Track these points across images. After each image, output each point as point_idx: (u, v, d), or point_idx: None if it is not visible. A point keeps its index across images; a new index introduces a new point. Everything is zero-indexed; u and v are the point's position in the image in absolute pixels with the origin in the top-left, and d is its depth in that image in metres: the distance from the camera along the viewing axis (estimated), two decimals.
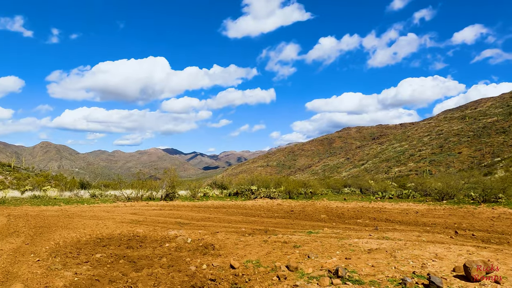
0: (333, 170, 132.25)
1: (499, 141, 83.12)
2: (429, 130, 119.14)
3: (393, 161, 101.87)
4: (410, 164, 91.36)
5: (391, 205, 18.98)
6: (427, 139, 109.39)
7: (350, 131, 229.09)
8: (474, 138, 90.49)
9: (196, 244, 8.52)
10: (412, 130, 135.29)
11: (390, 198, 24.07)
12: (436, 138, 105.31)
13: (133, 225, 11.54)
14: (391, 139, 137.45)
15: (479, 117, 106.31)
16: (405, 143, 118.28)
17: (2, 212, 15.53)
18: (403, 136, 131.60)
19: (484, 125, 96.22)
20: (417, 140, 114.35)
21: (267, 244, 8.12)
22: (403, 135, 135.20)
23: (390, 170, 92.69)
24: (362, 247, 7.56)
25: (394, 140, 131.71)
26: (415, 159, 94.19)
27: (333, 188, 31.34)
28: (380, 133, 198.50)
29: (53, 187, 31.20)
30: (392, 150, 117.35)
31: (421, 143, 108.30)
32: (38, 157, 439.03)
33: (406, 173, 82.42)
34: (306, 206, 18.96)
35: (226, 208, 17.85)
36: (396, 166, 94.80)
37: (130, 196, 22.70)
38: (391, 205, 19.25)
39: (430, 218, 13.75)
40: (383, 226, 11.68)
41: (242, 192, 25.68)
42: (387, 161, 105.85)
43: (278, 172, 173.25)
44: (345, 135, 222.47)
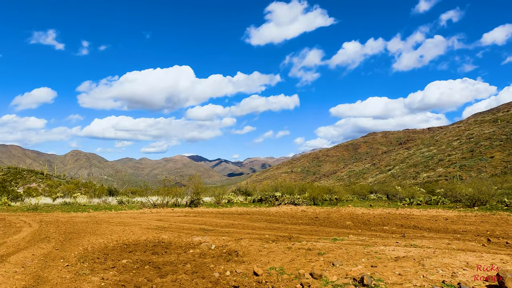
0: (358, 176, 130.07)
1: None
2: (458, 134, 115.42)
3: (421, 167, 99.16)
4: (439, 170, 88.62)
5: (419, 212, 18.45)
6: (456, 143, 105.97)
7: (376, 136, 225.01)
8: (508, 142, 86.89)
9: (220, 251, 8.54)
10: (441, 134, 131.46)
11: (418, 204, 23.40)
12: (466, 142, 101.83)
13: (159, 231, 11.70)
14: (419, 144, 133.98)
15: None
16: (434, 147, 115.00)
17: (34, 218, 16.11)
18: (431, 141, 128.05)
19: None
20: (446, 144, 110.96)
21: (291, 251, 8.04)
22: (431, 139, 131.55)
23: (418, 175, 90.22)
24: (389, 255, 7.36)
25: (422, 145, 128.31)
26: (444, 164, 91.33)
27: (359, 195, 30.80)
28: (407, 137, 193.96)
29: (83, 194, 32.15)
30: (420, 155, 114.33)
31: (450, 147, 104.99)
32: (69, 165, 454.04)
33: (435, 178, 80.00)
34: (331, 212, 18.70)
35: (250, 215, 17.83)
36: (424, 172, 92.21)
37: (156, 203, 23.07)
38: (419, 211, 18.71)
39: (461, 225, 13.27)
40: (410, 233, 11.35)
41: (266, 198, 25.63)
42: (414, 166, 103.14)
43: (303, 178, 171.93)
44: (371, 140, 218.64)
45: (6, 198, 24.98)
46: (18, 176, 70.33)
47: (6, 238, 10.34)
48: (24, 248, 8.83)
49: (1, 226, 12.96)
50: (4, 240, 9.96)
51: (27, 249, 8.65)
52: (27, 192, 33.19)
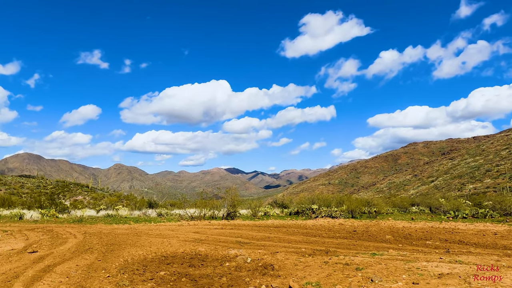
0: (399, 188, 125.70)
1: None
2: (507, 143, 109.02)
3: (466, 178, 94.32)
4: (487, 181, 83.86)
5: (465, 226, 17.50)
6: (505, 152, 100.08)
7: (417, 146, 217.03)
8: None
9: (255, 264, 8.51)
10: (488, 144, 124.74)
11: (464, 218, 22.21)
12: None
13: (196, 243, 11.86)
14: (464, 154, 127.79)
15: None
16: (480, 157, 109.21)
17: (79, 229, 16.85)
18: (477, 150, 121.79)
19: None
20: (493, 154, 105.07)
21: (328, 266, 7.87)
22: (477, 149, 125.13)
23: (464, 187, 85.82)
24: (432, 271, 7.02)
25: (467, 155, 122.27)
26: (493, 175, 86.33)
27: (399, 207, 29.71)
28: (450, 147, 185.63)
29: (124, 206, 33.29)
30: (465, 165, 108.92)
31: (498, 157, 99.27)
32: (112, 178, 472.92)
33: (482, 190, 75.77)
34: (370, 226, 18.15)
35: (286, 228, 17.68)
36: (470, 183, 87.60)
37: (193, 215, 23.43)
38: (465, 225, 17.75)
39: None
40: (455, 248, 10.78)
41: (302, 211, 25.33)
42: (459, 177, 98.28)
43: (340, 191, 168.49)
44: (412, 150, 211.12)
45: (54, 210, 26.33)
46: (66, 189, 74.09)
47: (53, 248, 10.87)
48: (69, 258, 9.24)
49: (49, 237, 13.66)
50: (51, 250, 10.48)
51: (71, 260, 9.05)
52: (73, 205, 34.83)
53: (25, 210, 26.83)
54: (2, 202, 32.47)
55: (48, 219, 23.93)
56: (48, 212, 25.57)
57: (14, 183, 71.10)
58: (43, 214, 25.04)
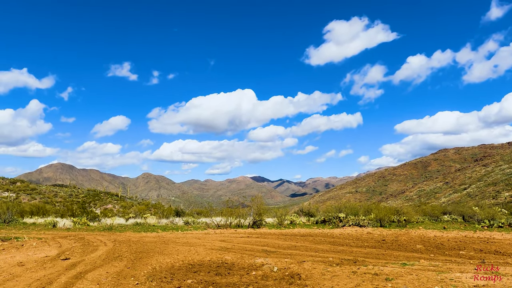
0: (429, 196, 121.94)
1: None
2: None
3: (501, 185, 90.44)
4: None
5: (501, 235, 16.73)
6: None
7: (448, 152, 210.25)
8: None
9: (282, 273, 8.44)
10: None
11: (500, 227, 21.26)
12: None
13: (222, 252, 11.90)
14: (498, 160, 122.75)
15: None
16: None
17: (109, 237, 17.25)
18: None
19: None
20: None
21: (356, 276, 7.70)
22: None
23: (499, 195, 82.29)
24: (466, 283, 6.74)
25: (502, 161, 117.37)
26: None
27: (430, 216, 28.77)
28: (483, 153, 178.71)
29: (152, 214, 33.86)
30: (499, 172, 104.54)
31: None
32: (140, 187, 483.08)
33: None
34: (400, 235, 17.66)
35: (313, 236, 17.46)
36: (505, 190, 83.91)
37: (220, 224, 23.54)
38: (501, 235, 16.97)
39: None
40: (491, 259, 10.31)
41: (329, 219, 24.96)
42: (494, 184, 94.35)
43: (368, 199, 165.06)
44: (442, 157, 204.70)
45: (86, 219, 27.12)
46: (96, 198, 76.31)
47: (85, 256, 11.18)
48: (100, 266, 9.47)
49: (80, 245, 14.06)
50: (83, 258, 10.77)
51: (102, 267, 9.27)
52: (104, 213, 35.75)
53: (58, 218, 27.76)
54: (37, 211, 33.77)
55: (80, 227, 24.66)
56: (79, 220, 26.37)
57: (48, 192, 73.94)
58: (75, 222, 25.83)
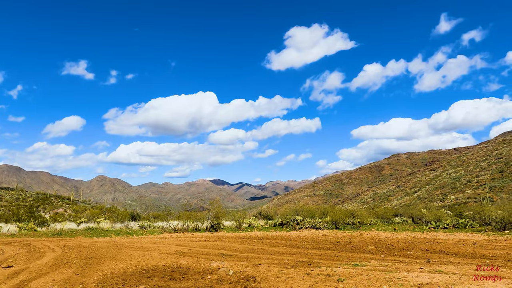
0: (383, 199, 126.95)
1: None
2: (486, 154, 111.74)
3: (448, 188, 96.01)
4: (468, 191, 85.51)
5: (446, 236, 17.76)
6: (485, 163, 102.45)
7: (400, 157, 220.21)
8: None
9: (237, 277, 8.43)
10: (468, 155, 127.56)
11: (445, 228, 22.56)
12: (496, 162, 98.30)
13: (177, 256, 11.69)
14: (445, 165, 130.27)
15: None
16: (461, 168, 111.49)
17: (58, 243, 16.42)
18: (458, 161, 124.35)
19: None
20: (474, 165, 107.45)
21: (310, 277, 7.86)
22: (458, 160, 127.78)
23: (446, 197, 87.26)
24: (412, 281, 7.09)
25: (448, 166, 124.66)
26: (473, 186, 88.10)
27: (383, 218, 29.97)
28: (432, 158, 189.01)
29: (106, 219, 32.64)
30: (446, 176, 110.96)
31: (478, 168, 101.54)
32: (94, 190, 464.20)
33: (463, 200, 77.16)
34: (353, 237, 18.24)
35: (270, 239, 17.61)
36: (452, 194, 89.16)
37: (177, 228, 23.14)
38: (445, 235, 18.01)
39: (490, 250, 12.66)
40: (436, 258, 10.91)
41: (287, 222, 25.29)
42: (441, 188, 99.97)
43: (325, 202, 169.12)
44: (395, 161, 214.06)
45: (33, 224, 25.63)
46: (46, 201, 72.30)
47: (30, 263, 10.55)
48: (46, 273, 8.98)
49: (25, 252, 13.26)
50: (27, 265, 10.17)
51: (48, 275, 8.79)
52: (53, 218, 33.97)
53: (2, 224, 26.04)
54: None
55: (26, 232, 23.27)
56: (26, 225, 24.86)
57: None
58: (21, 227, 24.33)
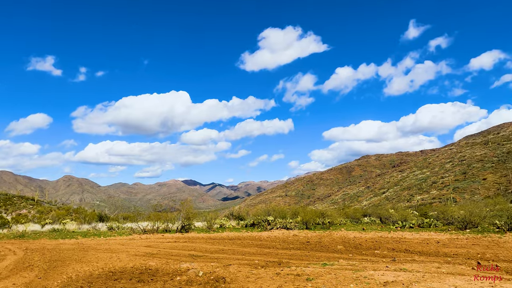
0: (353, 199, 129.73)
1: None
2: (451, 157, 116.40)
3: (414, 189, 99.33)
4: (433, 192, 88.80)
5: (411, 235, 18.35)
6: (449, 165, 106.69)
7: (369, 159, 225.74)
8: (499, 164, 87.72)
9: (207, 277, 8.38)
10: (434, 157, 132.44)
11: (411, 227, 23.30)
12: (459, 164, 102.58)
13: (146, 258, 11.49)
14: (412, 167, 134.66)
15: (503, 142, 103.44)
16: (427, 170, 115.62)
17: (20, 246, 15.76)
18: (424, 163, 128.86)
19: (508, 150, 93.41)
20: (439, 167, 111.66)
21: (279, 277, 7.92)
22: (424, 162, 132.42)
23: (412, 198, 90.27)
24: (378, 280, 7.28)
25: (415, 167, 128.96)
26: (438, 187, 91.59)
27: (352, 218, 30.60)
28: (400, 160, 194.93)
29: (73, 220, 31.61)
30: (413, 177, 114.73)
31: (443, 169, 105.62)
32: (61, 191, 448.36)
33: (429, 201, 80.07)
34: (323, 236, 18.53)
35: (241, 240, 17.61)
36: (418, 194, 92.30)
37: (146, 229, 22.72)
38: (411, 234, 18.60)
39: (452, 248, 13.19)
40: (401, 257, 11.25)
41: (258, 223, 25.36)
42: (408, 189, 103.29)
43: (297, 202, 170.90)
44: (364, 163, 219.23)
45: None
46: (8, 202, 69.19)
47: None
48: (6, 277, 8.60)
49: None
50: None
51: (8, 278, 8.43)
52: (16, 219, 32.56)
53: None
54: None
55: None
56: None
57: None
58: None
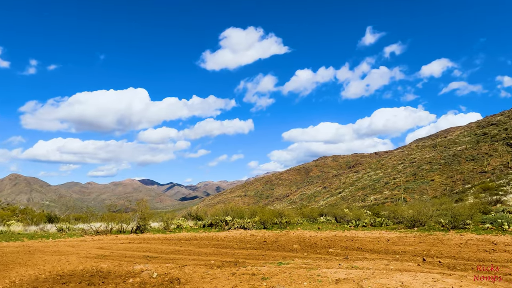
0: (310, 199, 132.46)
1: (468, 168, 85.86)
2: (402, 158, 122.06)
3: (369, 189, 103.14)
4: (386, 192, 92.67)
5: (364, 234, 19.04)
6: (401, 167, 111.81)
7: (327, 160, 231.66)
8: (446, 166, 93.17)
9: (161, 279, 8.23)
10: (386, 159, 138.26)
11: (364, 226, 24.17)
12: (410, 166, 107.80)
13: (98, 260, 11.08)
14: (367, 168, 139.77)
15: (449, 145, 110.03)
16: (380, 171, 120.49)
17: None
18: (377, 165, 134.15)
19: (454, 153, 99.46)
20: (391, 168, 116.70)
21: (235, 277, 7.93)
22: (377, 163, 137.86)
23: (366, 198, 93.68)
24: (330, 278, 7.48)
25: (369, 169, 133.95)
26: (390, 187, 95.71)
27: (309, 217, 31.21)
28: (355, 161, 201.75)
29: (19, 221, 29.78)
30: (367, 178, 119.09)
31: (395, 171, 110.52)
32: (6, 190, 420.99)
33: (381, 201, 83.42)
34: (280, 236, 18.77)
35: (198, 240, 17.45)
36: (372, 194, 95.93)
37: (99, 230, 21.89)
38: (363, 233, 19.31)
39: (401, 246, 13.85)
40: (354, 255, 11.65)
41: (216, 223, 25.24)
42: (363, 189, 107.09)
43: (256, 202, 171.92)
44: (322, 164, 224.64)
45: None
46: None
47: None
48: None
49: None
50: None
51: None
52: None
53: None
54: None
55: None
56: None
57: None
58: None
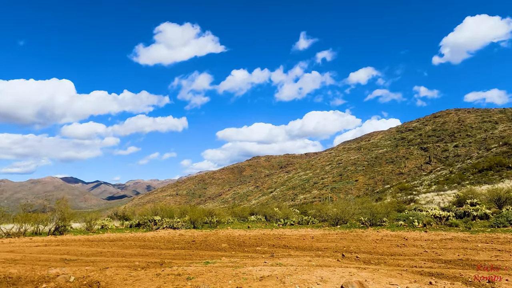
0: (243, 198, 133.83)
1: (388, 170, 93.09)
2: (330, 160, 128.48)
3: (298, 189, 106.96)
4: (314, 192, 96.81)
5: (291, 232, 19.71)
6: (328, 168, 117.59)
7: (260, 159, 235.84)
8: (368, 167, 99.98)
9: (79, 283, 7.75)
10: (316, 160, 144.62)
11: (292, 224, 25.01)
12: (337, 167, 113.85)
13: (7, 264, 10.12)
14: (297, 168, 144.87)
15: (372, 148, 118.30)
16: (310, 171, 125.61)
17: None
18: (307, 165, 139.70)
19: (376, 156, 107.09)
20: (320, 168, 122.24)
21: (159, 278, 7.74)
22: (307, 164, 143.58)
23: (296, 197, 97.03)
24: (255, 275, 7.63)
25: (300, 169, 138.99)
26: (319, 187, 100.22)
27: (240, 216, 31.49)
28: (287, 162, 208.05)
29: None
30: (298, 178, 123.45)
31: (323, 171, 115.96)
32: None
33: (310, 200, 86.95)
34: (209, 235, 18.71)
35: (123, 241, 16.73)
36: (301, 194, 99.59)
37: (11, 232, 19.98)
38: (291, 231, 19.98)
39: (324, 242, 14.57)
40: (279, 252, 12.00)
41: (144, 223, 24.41)
42: (293, 188, 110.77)
43: (188, 201, 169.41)
44: (255, 163, 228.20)
45: None
46: None
47: None
48: None
49: None
50: None
51: None
52: None
53: None
54: None
55: None
56: None
57: None
58: None
